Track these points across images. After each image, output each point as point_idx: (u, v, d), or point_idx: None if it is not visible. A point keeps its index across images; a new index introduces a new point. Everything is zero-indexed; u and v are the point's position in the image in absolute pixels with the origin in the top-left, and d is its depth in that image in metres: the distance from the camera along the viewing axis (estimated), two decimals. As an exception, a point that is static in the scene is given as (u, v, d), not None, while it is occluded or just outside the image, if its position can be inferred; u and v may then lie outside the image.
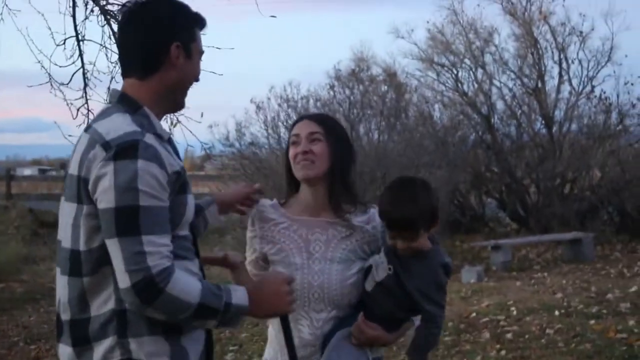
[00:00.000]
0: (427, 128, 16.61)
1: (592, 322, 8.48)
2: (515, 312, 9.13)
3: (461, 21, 18.32)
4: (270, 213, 3.33)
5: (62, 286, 2.70)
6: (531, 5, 17.81)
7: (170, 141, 2.81)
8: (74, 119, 7.91)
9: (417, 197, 3.13)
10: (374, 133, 15.96)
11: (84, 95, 7.98)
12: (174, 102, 2.86)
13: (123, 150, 2.53)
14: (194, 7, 2.89)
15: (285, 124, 15.27)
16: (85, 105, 7.98)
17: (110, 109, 2.73)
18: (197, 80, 2.90)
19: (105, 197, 2.52)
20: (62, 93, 8.07)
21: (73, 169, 2.66)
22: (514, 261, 13.74)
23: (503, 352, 7.60)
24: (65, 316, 2.70)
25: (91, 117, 8.33)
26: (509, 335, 8.17)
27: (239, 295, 2.65)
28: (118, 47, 2.92)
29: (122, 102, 2.73)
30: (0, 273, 12.50)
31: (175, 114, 8.38)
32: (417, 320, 3.25)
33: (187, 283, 2.53)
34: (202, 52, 2.90)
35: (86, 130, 2.73)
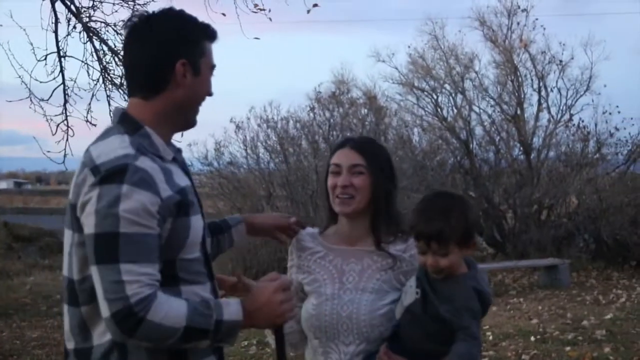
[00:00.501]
0: (406, 152, 16.65)
1: (568, 348, 8.50)
2: (491, 337, 9.13)
3: (442, 47, 18.48)
4: (308, 242, 3.28)
5: (65, 314, 2.64)
6: (512, 33, 18.00)
7: (176, 160, 2.70)
8: (53, 134, 7.89)
9: (450, 208, 2.93)
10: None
11: (64, 111, 7.96)
12: (184, 120, 2.74)
13: (110, 175, 2.44)
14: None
15: (264, 144, 15.29)
16: (65, 122, 7.95)
17: (110, 130, 2.64)
18: (209, 95, 2.78)
19: (87, 223, 2.46)
20: (42, 109, 8.04)
21: (70, 195, 2.59)
22: (490, 286, 13.75)
23: (479, 377, 7.58)
24: (69, 345, 2.64)
25: (70, 133, 8.32)
26: (485, 361, 8.16)
27: (231, 311, 2.55)
28: (123, 65, 2.80)
29: (122, 122, 2.63)
30: (-27, 287, 12.39)
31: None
32: None
33: (170, 308, 2.42)
34: (213, 66, 2.77)
35: (85, 152, 2.62)
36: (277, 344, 2.89)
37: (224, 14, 8.71)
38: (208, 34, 2.75)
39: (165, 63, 2.63)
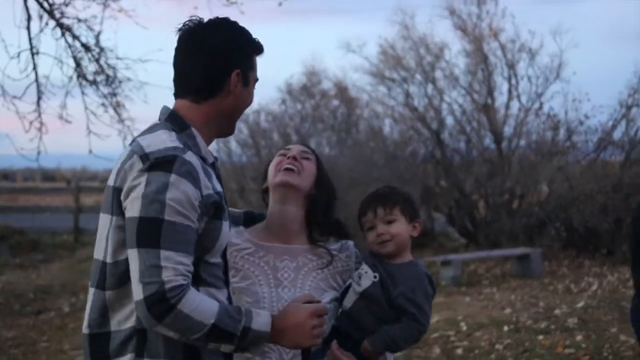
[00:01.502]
0: (377, 143, 16.72)
1: (541, 337, 8.59)
2: (465, 328, 9.20)
3: (412, 36, 18.44)
4: (233, 237, 3.10)
5: (89, 298, 2.70)
6: (481, 21, 18.01)
7: (214, 166, 2.78)
8: (26, 132, 7.85)
9: (391, 187, 3.26)
10: (325, 148, 16.04)
11: (38, 108, 7.93)
12: (226, 127, 2.85)
13: (159, 163, 2.54)
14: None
15: (236, 137, 15.28)
16: (39, 119, 7.92)
17: (157, 126, 2.73)
18: (249, 106, 2.94)
19: (132, 206, 2.53)
20: (15, 106, 8.00)
21: (110, 180, 2.66)
22: (463, 276, 13.83)
23: (453, 368, 7.66)
24: (85, 330, 2.68)
25: (44, 130, 8.28)
26: (459, 351, 8.24)
27: (260, 321, 2.60)
28: (174, 66, 2.83)
29: (170, 120, 2.72)
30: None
31: (130, 129, 8.38)
32: (390, 356, 3.16)
33: (201, 303, 2.49)
34: (257, 80, 2.89)
35: (130, 143, 2.72)
36: None
37: (195, 7, 8.71)
38: (258, 48, 2.88)
39: (222, 71, 2.75)
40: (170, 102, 2.83)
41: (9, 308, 11.83)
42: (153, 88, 8.25)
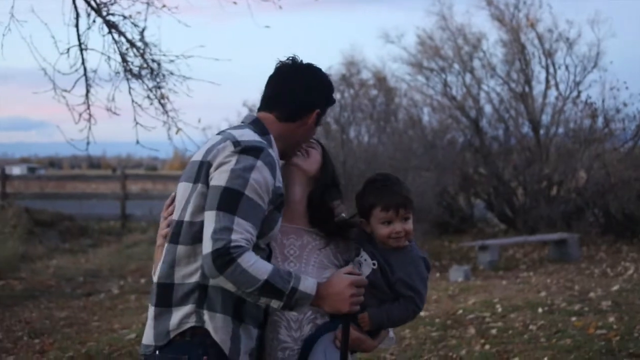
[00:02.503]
0: (416, 131, 16.90)
1: (574, 319, 8.73)
2: (500, 310, 9.39)
3: (450, 27, 18.60)
4: None
5: (164, 253, 3.14)
6: (519, 12, 18.10)
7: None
8: (76, 123, 8.21)
9: (398, 179, 3.46)
10: (364, 136, 16.25)
11: (86, 100, 8.28)
12: (288, 150, 3.35)
13: (249, 149, 3.04)
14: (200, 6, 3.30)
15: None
16: (88, 111, 8.27)
17: (243, 126, 3.22)
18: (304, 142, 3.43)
19: (219, 177, 3.00)
20: (65, 98, 8.37)
21: (197, 156, 3.14)
22: (501, 261, 14.02)
23: (487, 347, 7.86)
24: (155, 278, 3.14)
25: (93, 122, 8.66)
26: (493, 331, 8.43)
27: (307, 285, 3.02)
28: (269, 86, 3.36)
29: (254, 124, 3.22)
30: (-1, 271, 12.72)
31: (174, 120, 8.73)
32: (391, 331, 3.49)
33: (258, 262, 2.92)
34: (321, 125, 3.47)
35: (218, 133, 3.24)
36: (343, 330, 3.20)
37: (235, 2, 9.00)
38: (334, 100, 3.47)
39: (310, 105, 3.32)
40: (211, 94, 3.26)
41: (61, 290, 12.20)
42: (196, 82, 8.54)
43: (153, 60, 8.82)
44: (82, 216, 19.55)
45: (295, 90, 3.30)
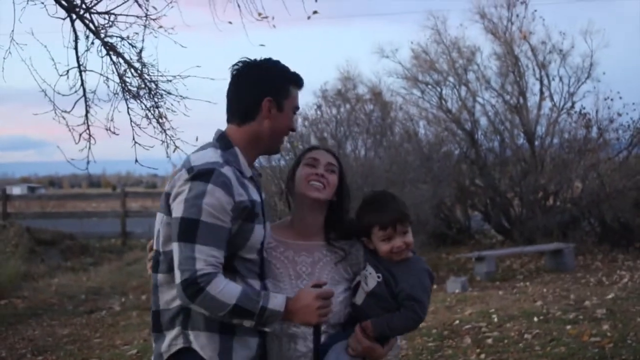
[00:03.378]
0: (412, 144, 16.98)
1: (569, 327, 8.87)
2: (496, 319, 9.52)
3: (444, 40, 18.76)
4: None
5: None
6: (512, 24, 18.26)
7: (252, 179, 3.33)
8: (76, 143, 8.32)
9: (392, 195, 3.61)
10: (360, 150, 16.31)
11: (86, 121, 8.40)
12: (267, 147, 3.42)
13: (200, 175, 3.13)
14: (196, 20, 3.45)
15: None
16: (87, 131, 8.39)
17: (209, 145, 3.34)
18: (292, 130, 3.47)
19: (177, 208, 3.13)
20: (64, 119, 8.49)
21: (166, 187, 3.27)
22: (498, 271, 14.14)
23: (483, 356, 7.98)
24: (151, 307, 3.31)
25: (92, 141, 8.80)
26: (489, 341, 8.55)
27: (276, 302, 3.15)
28: (227, 97, 3.45)
29: (219, 140, 3.33)
30: (2, 290, 12.79)
31: (172, 139, 8.87)
32: (399, 339, 3.65)
33: (226, 287, 3.06)
34: (296, 108, 3.45)
35: (186, 158, 3.33)
36: (315, 340, 3.39)
37: (230, 22, 9.15)
38: (294, 80, 3.43)
39: (254, 99, 3.34)
40: (209, 112, 3.43)
41: (63, 308, 12.33)
42: (193, 101, 8.65)
43: (151, 81, 8.93)
44: (83, 234, 19.69)
45: (241, 91, 3.37)
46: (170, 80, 9.00)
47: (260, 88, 3.34)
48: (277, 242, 3.55)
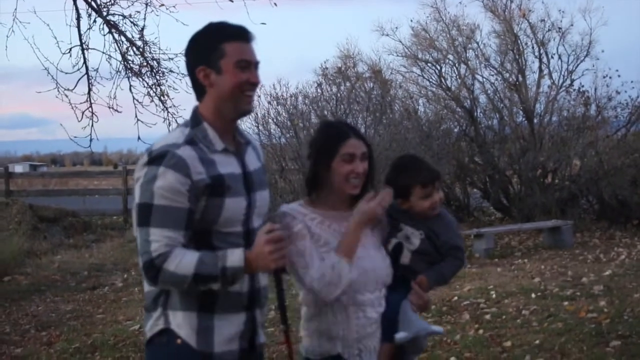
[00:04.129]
0: (412, 122, 17.03)
1: (566, 303, 9.00)
2: (494, 296, 9.65)
3: (444, 18, 18.82)
4: (300, 210, 3.59)
5: None
6: (511, 2, 18.32)
7: (227, 150, 3.26)
8: (79, 121, 8.43)
9: (420, 157, 4.00)
10: (360, 128, 16.37)
11: (88, 99, 8.50)
12: (233, 110, 3.26)
13: (154, 158, 3.12)
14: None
15: (275, 120, 15.72)
16: (90, 109, 8.49)
17: (181, 125, 3.35)
18: (250, 84, 3.24)
19: (135, 195, 3.16)
20: (67, 97, 8.59)
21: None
22: (497, 248, 14.23)
23: (481, 332, 8.09)
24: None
25: (95, 119, 8.89)
26: (487, 317, 8.69)
27: (234, 259, 3.09)
28: None
29: (191, 117, 3.29)
30: (5, 266, 12.87)
31: (174, 117, 8.92)
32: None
33: (183, 260, 3.05)
34: (239, 61, 3.21)
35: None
36: (277, 287, 3.41)
37: (231, 0, 9.21)
38: (227, 36, 3.22)
39: (191, 73, 3.28)
40: None
41: (66, 284, 12.42)
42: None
43: (153, 59, 9.03)
44: (85, 212, 19.77)
45: (187, 70, 3.34)
46: (172, 59, 9.10)
47: (192, 60, 3.27)
48: (321, 217, 3.59)
